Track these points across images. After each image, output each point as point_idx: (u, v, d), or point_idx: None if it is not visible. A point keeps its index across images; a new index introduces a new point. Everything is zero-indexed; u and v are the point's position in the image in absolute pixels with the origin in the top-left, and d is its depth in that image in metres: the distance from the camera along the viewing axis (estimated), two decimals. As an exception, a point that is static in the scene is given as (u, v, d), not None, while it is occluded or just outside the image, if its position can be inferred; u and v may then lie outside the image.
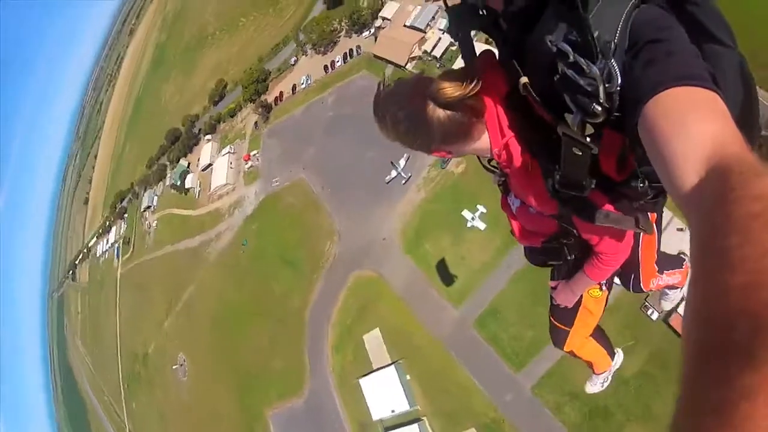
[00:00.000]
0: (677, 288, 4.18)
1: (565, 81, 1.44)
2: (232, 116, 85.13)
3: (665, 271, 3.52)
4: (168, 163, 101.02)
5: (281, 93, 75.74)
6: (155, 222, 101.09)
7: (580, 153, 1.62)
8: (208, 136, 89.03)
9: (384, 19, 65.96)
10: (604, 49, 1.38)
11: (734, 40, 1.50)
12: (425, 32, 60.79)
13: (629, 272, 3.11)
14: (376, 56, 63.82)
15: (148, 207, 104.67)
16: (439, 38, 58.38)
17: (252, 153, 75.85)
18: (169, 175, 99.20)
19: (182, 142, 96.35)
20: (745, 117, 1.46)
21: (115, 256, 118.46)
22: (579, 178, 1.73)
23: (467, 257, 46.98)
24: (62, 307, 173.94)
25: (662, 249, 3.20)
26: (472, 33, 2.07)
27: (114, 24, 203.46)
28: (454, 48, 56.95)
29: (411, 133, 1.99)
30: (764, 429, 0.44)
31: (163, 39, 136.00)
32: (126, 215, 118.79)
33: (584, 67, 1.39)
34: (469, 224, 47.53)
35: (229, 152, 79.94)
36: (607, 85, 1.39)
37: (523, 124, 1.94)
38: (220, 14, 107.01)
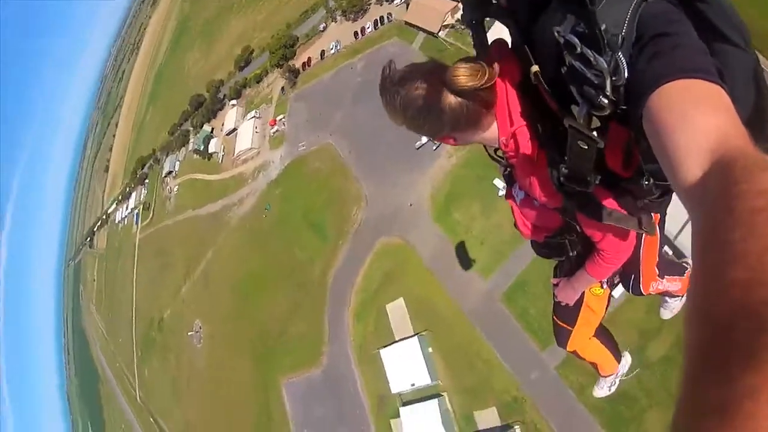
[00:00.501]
0: (677, 297, 4.14)
1: (573, 72, 1.44)
2: (258, 82, 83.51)
3: (666, 276, 3.43)
4: (191, 128, 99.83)
5: (309, 59, 74.17)
6: (176, 187, 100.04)
7: (586, 147, 1.59)
8: (233, 102, 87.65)
9: None
10: (612, 42, 1.36)
11: (746, 40, 1.46)
12: (458, 0, 59.13)
13: (629, 273, 3.00)
14: (407, 23, 62.23)
15: (170, 172, 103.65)
16: None
17: (278, 118, 74.14)
18: (192, 140, 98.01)
19: (206, 107, 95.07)
20: (755, 119, 1.42)
21: (135, 222, 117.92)
22: (584, 172, 1.70)
23: (497, 227, 44.92)
24: (78, 274, 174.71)
25: (680, 249, 3.45)
26: (486, 20, 2.02)
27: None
28: (487, 20, 55.87)
29: (420, 117, 1.92)
30: (766, 429, 0.43)
31: (186, 9, 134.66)
32: (147, 181, 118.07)
33: (591, 59, 1.38)
34: (500, 193, 45.21)
35: (254, 116, 78.44)
36: (614, 78, 1.37)
37: (532, 114, 1.90)
38: None
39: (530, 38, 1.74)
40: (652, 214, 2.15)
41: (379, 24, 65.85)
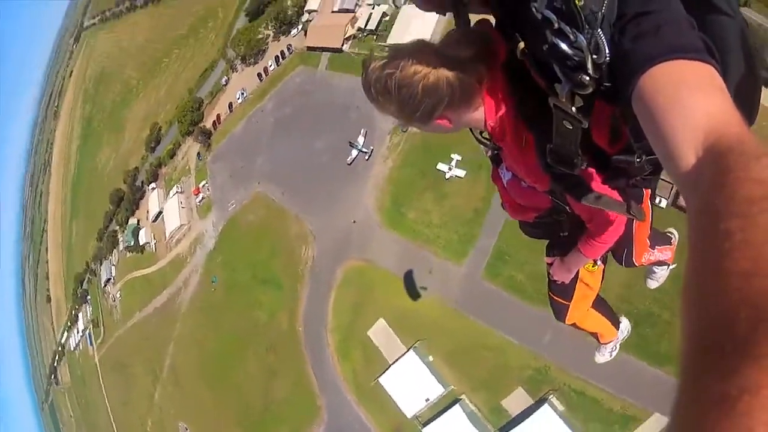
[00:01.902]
0: (665, 265, 4.20)
1: (553, 50, 1.38)
2: (172, 156, 78.55)
3: (657, 247, 3.58)
4: (118, 227, 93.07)
5: (218, 116, 70.65)
6: (118, 293, 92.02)
7: (571, 126, 1.54)
8: (153, 185, 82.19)
9: (310, 12, 63.51)
10: (589, 18, 1.30)
11: (734, 7, 1.42)
12: (355, 11, 58.25)
13: (622, 246, 2.92)
14: (309, 48, 60.64)
15: (108, 280, 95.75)
16: (370, 13, 56.20)
17: (201, 185, 68.82)
18: (121, 239, 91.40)
19: (127, 200, 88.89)
20: (745, 92, 1.39)
21: (89, 344, 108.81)
22: (570, 154, 1.63)
23: (456, 209, 42.43)
24: (55, 415, 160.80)
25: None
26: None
27: (38, 113, 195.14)
28: (386, 19, 54.99)
29: (417, 96, 1.78)
30: (765, 423, 0.42)
31: (88, 110, 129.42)
32: (89, 297, 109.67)
33: (570, 35, 1.33)
34: (447, 176, 43.66)
35: (177, 192, 72.95)
36: (594, 56, 1.32)
37: (519, 95, 1.81)
38: (141, 65, 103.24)
39: (515, 17, 1.62)
40: (643, 190, 2.13)
41: (280, 59, 63.93)
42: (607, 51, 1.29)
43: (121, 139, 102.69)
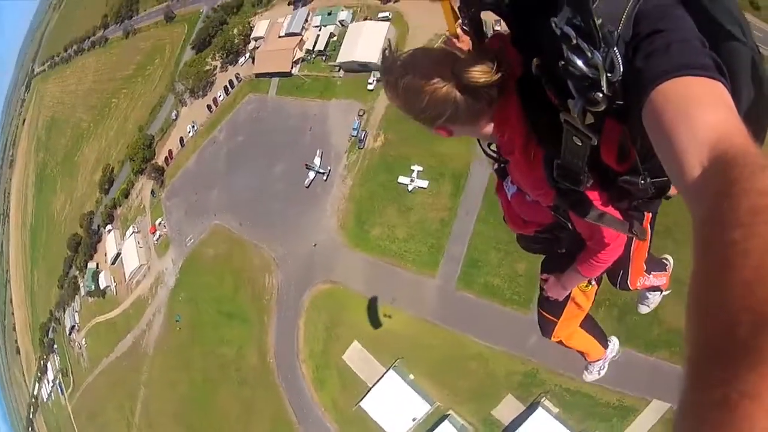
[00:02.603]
0: (658, 291, 4.02)
1: (569, 66, 1.32)
2: (126, 196, 73.49)
3: (653, 272, 3.34)
4: (78, 272, 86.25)
5: (170, 151, 66.56)
6: (84, 340, 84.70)
7: (580, 143, 1.50)
8: (109, 227, 76.35)
9: (257, 39, 61.63)
10: (606, 36, 1.25)
11: (746, 33, 1.36)
12: (302, 35, 56.63)
13: (618, 269, 2.77)
14: (258, 75, 58.31)
15: (73, 327, 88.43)
16: (318, 34, 54.98)
17: (157, 222, 63.83)
18: (82, 284, 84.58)
19: (84, 244, 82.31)
20: (755, 111, 1.35)
21: (60, 394, 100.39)
22: (577, 170, 1.62)
23: (422, 220, 39.98)
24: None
25: None
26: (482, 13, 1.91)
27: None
28: (334, 39, 53.52)
29: (421, 105, 1.76)
30: (765, 428, 0.41)
31: (41, 157, 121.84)
32: (55, 346, 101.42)
33: (587, 52, 1.27)
34: (410, 188, 41.38)
35: (133, 232, 67.58)
36: (609, 74, 1.27)
37: (531, 109, 1.76)
38: (91, 107, 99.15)
39: (532, 31, 1.59)
40: (644, 213, 2.02)
41: (229, 88, 61.42)
42: (621, 69, 1.23)
43: (75, 184, 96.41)
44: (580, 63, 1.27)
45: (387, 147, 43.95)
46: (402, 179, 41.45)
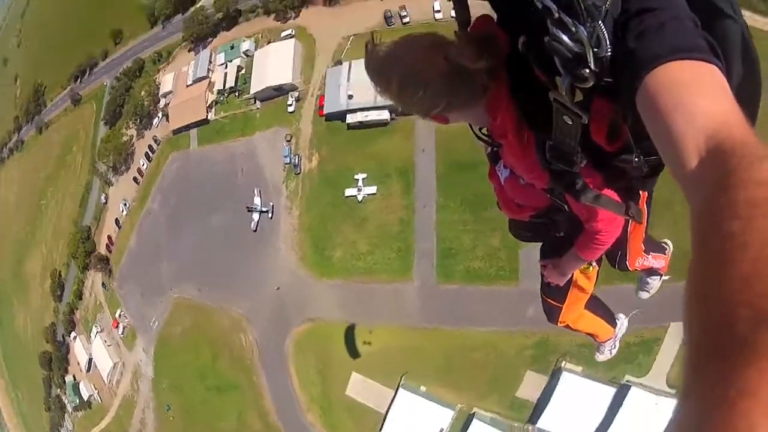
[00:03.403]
0: (658, 276, 3.95)
1: (554, 41, 1.28)
2: (80, 297, 67.71)
3: (651, 253, 3.28)
4: (59, 390, 79.12)
5: (109, 237, 61.42)
6: (81, 458, 77.83)
7: (571, 122, 1.44)
8: (73, 334, 70.31)
9: (166, 95, 58.06)
10: (590, 9, 1.20)
11: (735, 9, 1.33)
12: (210, 77, 53.38)
13: (616, 249, 2.69)
14: (175, 132, 54.68)
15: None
16: (225, 72, 52.02)
17: (117, 315, 58.22)
18: (66, 401, 77.40)
19: (56, 359, 75.69)
20: (747, 92, 1.32)
21: None
22: (570, 150, 1.56)
23: (381, 227, 37.30)
24: None
25: None
26: None
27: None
28: (243, 72, 50.84)
29: (418, 93, 1.67)
30: (764, 424, 0.40)
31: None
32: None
33: (571, 27, 1.23)
34: (360, 198, 38.65)
35: (98, 332, 61.79)
36: (595, 50, 1.22)
37: (521, 90, 1.70)
38: (24, 216, 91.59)
39: (517, 8, 1.50)
40: (640, 193, 2.01)
41: (150, 154, 57.62)
42: (608, 44, 1.19)
43: (29, 298, 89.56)
44: (565, 38, 1.21)
45: (324, 164, 40.58)
46: (349, 192, 38.66)
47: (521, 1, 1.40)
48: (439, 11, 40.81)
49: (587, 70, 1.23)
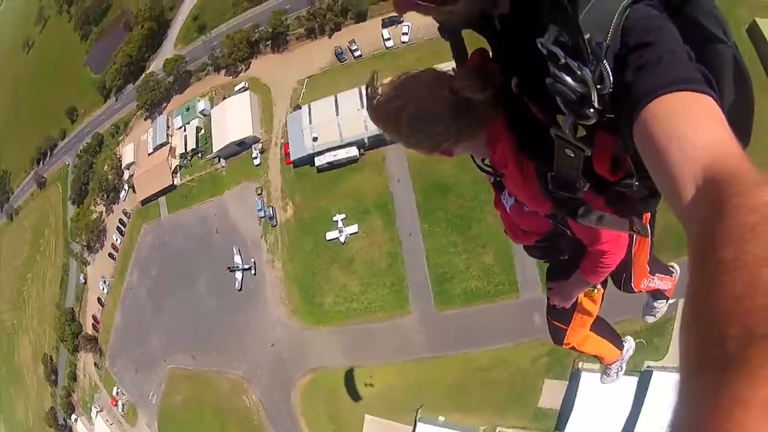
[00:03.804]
0: (664, 300, 3.95)
1: (556, 83, 1.26)
2: (74, 379, 65.30)
3: (657, 274, 3.24)
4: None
5: (93, 316, 59.29)
6: None
7: (573, 155, 1.43)
8: (74, 416, 67.42)
9: (129, 166, 56.73)
10: (596, 51, 1.19)
11: (727, 33, 1.31)
12: (170, 142, 52.17)
13: (621, 271, 2.70)
14: (144, 202, 53.23)
15: None
16: (185, 135, 50.87)
17: (114, 393, 55.88)
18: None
19: (59, 448, 72.41)
20: (740, 114, 1.30)
21: None
22: (572, 180, 1.54)
23: (370, 265, 36.43)
24: None
25: None
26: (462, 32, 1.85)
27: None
28: (202, 132, 49.84)
29: (428, 132, 1.69)
30: None
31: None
32: None
33: (575, 69, 1.21)
34: (342, 239, 37.72)
35: (98, 412, 59.20)
36: (598, 87, 1.20)
37: (519, 124, 1.71)
38: (7, 305, 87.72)
39: (513, 50, 1.54)
40: (643, 214, 1.98)
41: (122, 228, 56.06)
42: (611, 81, 1.17)
43: (26, 387, 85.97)
44: (569, 80, 1.20)
45: (300, 211, 39.85)
46: (330, 235, 37.68)
47: (518, 44, 1.40)
48: (389, 39, 40.76)
49: (590, 110, 1.21)
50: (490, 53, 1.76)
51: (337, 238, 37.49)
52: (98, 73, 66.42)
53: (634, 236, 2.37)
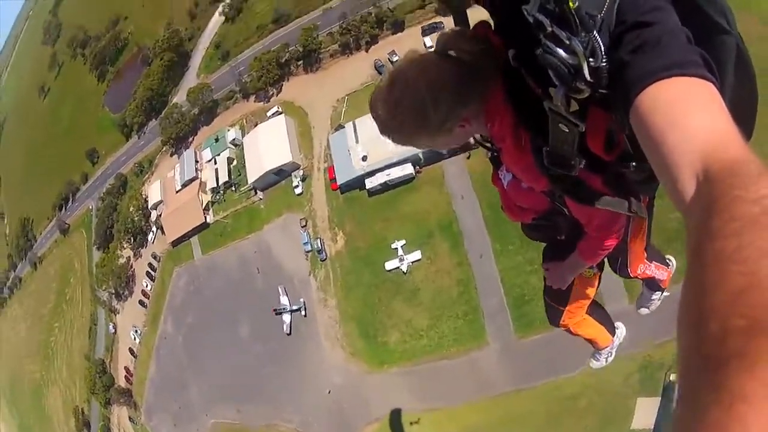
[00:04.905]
0: (659, 291, 3.77)
1: (547, 54, 1.21)
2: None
3: (654, 262, 3.15)
4: None
5: (126, 368, 54.70)
6: None
7: (567, 130, 1.38)
8: None
9: (156, 206, 52.00)
10: (584, 20, 1.14)
11: (730, 22, 1.25)
12: (199, 176, 47.29)
13: (617, 255, 2.66)
14: (174, 243, 48.25)
15: None
16: (215, 168, 45.95)
17: (151, 448, 49.98)
18: None
19: None
20: (743, 106, 1.28)
21: None
22: (567, 156, 1.48)
23: (438, 294, 31.77)
24: None
25: None
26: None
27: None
28: (234, 163, 45.02)
29: (433, 101, 1.57)
30: (759, 429, 0.40)
31: (18, 422, 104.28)
32: None
33: (564, 39, 1.17)
34: (404, 268, 32.89)
35: (135, 470, 53.06)
36: (590, 60, 1.16)
37: (516, 98, 1.62)
38: (35, 355, 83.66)
39: (509, 21, 1.45)
40: (641, 196, 1.90)
41: (152, 273, 51.39)
42: (603, 55, 1.14)
43: (54, 439, 79.98)
44: (560, 51, 1.16)
45: (352, 241, 35.28)
46: (390, 264, 33.12)
47: (511, 14, 1.32)
48: (431, 46, 35.90)
49: (582, 82, 1.17)
50: (492, 26, 1.65)
51: (398, 267, 32.92)
52: (117, 113, 62.81)
53: (631, 219, 2.19)
